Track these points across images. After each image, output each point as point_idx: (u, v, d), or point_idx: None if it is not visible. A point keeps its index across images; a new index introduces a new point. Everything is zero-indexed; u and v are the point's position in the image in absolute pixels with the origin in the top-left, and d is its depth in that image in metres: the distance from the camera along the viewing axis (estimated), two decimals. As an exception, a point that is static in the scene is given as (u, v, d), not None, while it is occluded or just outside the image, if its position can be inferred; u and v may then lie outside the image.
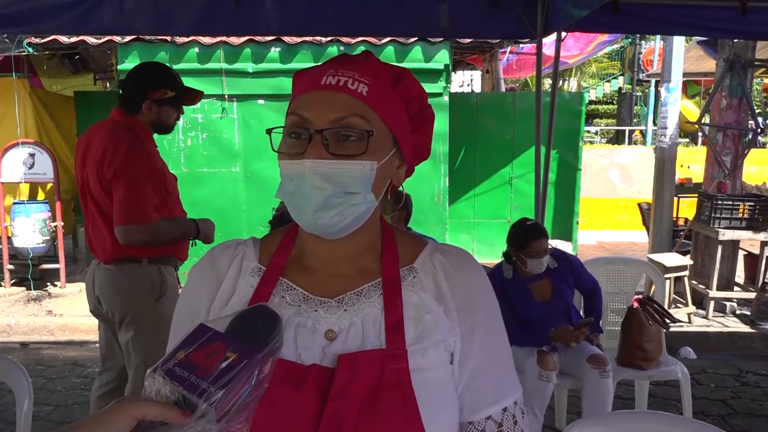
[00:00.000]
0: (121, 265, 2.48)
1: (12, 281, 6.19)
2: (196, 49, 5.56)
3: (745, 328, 5.17)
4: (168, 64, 5.44)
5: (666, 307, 3.27)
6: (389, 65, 0.89)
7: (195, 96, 2.63)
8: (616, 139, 17.01)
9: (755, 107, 7.37)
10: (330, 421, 0.78)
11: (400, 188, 0.95)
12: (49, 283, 6.23)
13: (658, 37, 11.90)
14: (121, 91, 2.55)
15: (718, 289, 5.36)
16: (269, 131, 0.87)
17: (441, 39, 5.54)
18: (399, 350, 0.83)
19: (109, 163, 2.37)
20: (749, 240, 5.36)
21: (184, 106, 2.63)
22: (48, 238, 6.06)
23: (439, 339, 0.86)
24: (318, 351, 0.83)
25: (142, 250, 2.46)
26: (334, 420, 0.78)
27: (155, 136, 2.58)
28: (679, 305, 5.35)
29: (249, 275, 0.91)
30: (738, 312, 5.51)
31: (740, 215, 5.20)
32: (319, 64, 0.88)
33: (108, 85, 9.05)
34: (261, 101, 5.70)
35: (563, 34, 3.55)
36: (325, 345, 0.84)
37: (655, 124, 9.44)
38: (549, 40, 4.25)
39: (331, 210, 0.82)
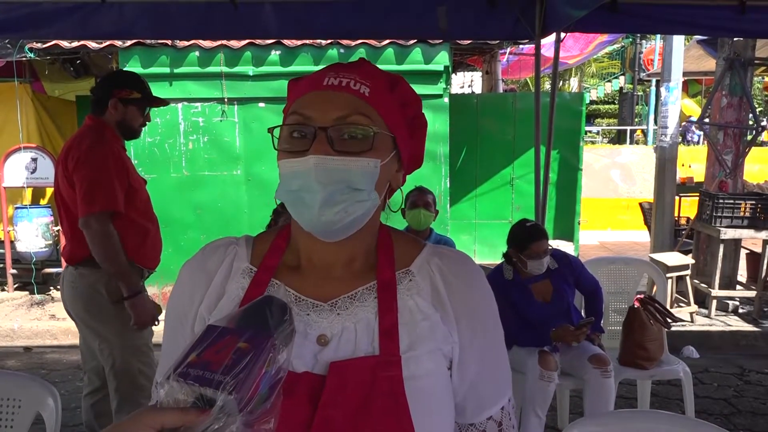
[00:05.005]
0: (81, 268, 2.52)
1: (15, 285, 6.21)
2: (197, 53, 5.56)
3: (748, 327, 5.17)
4: (169, 68, 5.54)
5: (668, 306, 3.28)
6: (384, 72, 0.90)
7: (159, 102, 2.69)
8: (618, 138, 17.00)
9: (756, 106, 7.36)
10: (320, 430, 0.77)
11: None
12: (52, 288, 6.24)
13: (659, 36, 11.89)
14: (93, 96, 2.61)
15: (720, 288, 5.36)
16: (271, 130, 0.86)
17: (440, 41, 5.54)
18: (392, 357, 0.81)
19: (72, 156, 2.44)
20: (751, 238, 5.35)
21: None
22: (51, 242, 6.09)
23: (434, 347, 0.85)
24: (310, 358, 0.82)
25: None
26: (325, 429, 0.77)
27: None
28: (681, 304, 5.35)
29: (240, 277, 0.89)
30: (740, 311, 5.50)
31: (742, 214, 5.20)
32: (317, 70, 0.88)
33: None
34: (262, 104, 5.70)
35: (562, 34, 3.56)
36: (317, 351, 0.83)
37: (656, 123, 9.43)
38: (549, 41, 4.25)
39: (336, 206, 0.80)
